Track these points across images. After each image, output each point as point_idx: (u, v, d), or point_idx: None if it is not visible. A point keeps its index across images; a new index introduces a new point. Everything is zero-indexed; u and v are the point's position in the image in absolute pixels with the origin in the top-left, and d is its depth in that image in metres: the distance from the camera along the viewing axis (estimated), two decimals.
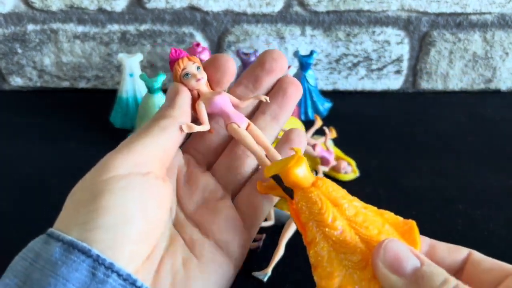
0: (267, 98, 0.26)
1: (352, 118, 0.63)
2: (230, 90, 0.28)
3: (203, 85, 0.26)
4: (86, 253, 0.20)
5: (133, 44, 0.67)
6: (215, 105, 0.26)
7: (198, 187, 0.27)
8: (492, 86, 0.69)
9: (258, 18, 0.65)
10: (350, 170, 0.50)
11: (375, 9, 0.63)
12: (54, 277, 0.20)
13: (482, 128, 0.61)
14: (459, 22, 0.65)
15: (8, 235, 0.43)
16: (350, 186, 0.49)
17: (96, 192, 0.22)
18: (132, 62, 0.58)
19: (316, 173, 0.49)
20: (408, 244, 0.22)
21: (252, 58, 0.58)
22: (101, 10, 0.64)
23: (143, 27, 0.65)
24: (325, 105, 0.63)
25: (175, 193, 0.27)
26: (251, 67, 0.28)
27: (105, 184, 0.22)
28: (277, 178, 0.23)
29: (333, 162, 0.50)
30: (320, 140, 0.51)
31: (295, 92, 0.28)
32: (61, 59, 0.68)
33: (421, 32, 0.65)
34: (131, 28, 0.65)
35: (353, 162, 0.51)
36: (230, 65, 0.27)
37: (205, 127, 0.26)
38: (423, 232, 0.43)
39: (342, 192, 0.23)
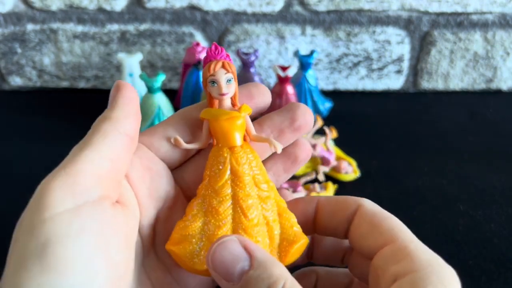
0: (280, 149, 0.23)
1: (353, 118, 0.63)
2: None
3: (225, 100, 0.24)
4: None
5: (133, 43, 0.66)
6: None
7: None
8: (493, 86, 0.69)
9: (258, 18, 0.64)
10: (351, 170, 0.50)
11: (376, 9, 0.63)
12: None
13: (483, 128, 0.61)
14: (460, 22, 0.64)
15: (8, 236, 0.43)
16: (351, 186, 0.48)
17: (44, 240, 0.17)
18: (132, 62, 0.58)
19: (317, 173, 0.49)
20: (278, 256, 0.22)
21: (252, 58, 0.58)
22: (100, 9, 0.64)
23: (143, 27, 0.65)
24: (325, 105, 0.63)
25: (149, 222, 0.23)
26: (277, 116, 0.25)
27: (51, 228, 0.17)
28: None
29: (333, 162, 0.50)
30: (320, 140, 0.50)
31: (305, 159, 0.26)
32: (60, 59, 0.68)
33: (422, 32, 0.65)
34: (130, 27, 0.65)
35: (353, 162, 0.51)
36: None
37: (196, 145, 0.24)
38: (424, 232, 0.43)
39: (257, 170, 0.23)
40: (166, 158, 0.24)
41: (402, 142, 0.57)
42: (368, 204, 0.23)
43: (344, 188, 0.49)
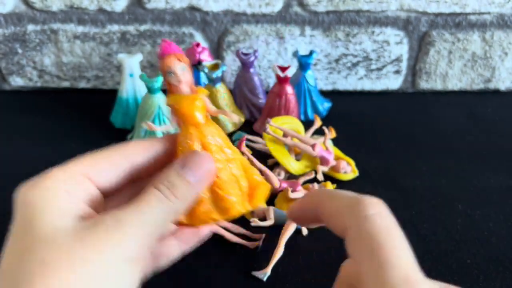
0: (236, 119, 0.25)
1: (352, 118, 0.63)
2: None
3: (183, 86, 0.26)
4: None
5: (133, 44, 0.67)
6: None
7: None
8: (491, 86, 0.70)
9: (258, 18, 0.65)
10: (349, 170, 0.50)
11: (375, 9, 0.63)
12: None
13: (481, 128, 0.61)
14: (458, 22, 0.65)
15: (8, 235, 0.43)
16: (349, 186, 0.49)
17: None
18: (132, 62, 0.58)
19: (316, 173, 0.49)
20: (248, 200, 0.27)
21: (252, 58, 0.59)
22: (101, 10, 0.64)
23: (143, 27, 0.66)
24: (324, 105, 0.63)
25: None
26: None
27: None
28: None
29: (332, 162, 0.50)
30: (319, 140, 0.51)
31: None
32: (61, 59, 0.68)
33: (420, 32, 0.65)
34: (131, 28, 0.66)
35: (352, 162, 0.51)
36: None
37: (168, 127, 0.28)
38: (422, 231, 0.43)
39: (220, 140, 0.27)
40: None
41: (400, 142, 0.57)
42: (369, 225, 0.20)
43: (343, 187, 0.49)
